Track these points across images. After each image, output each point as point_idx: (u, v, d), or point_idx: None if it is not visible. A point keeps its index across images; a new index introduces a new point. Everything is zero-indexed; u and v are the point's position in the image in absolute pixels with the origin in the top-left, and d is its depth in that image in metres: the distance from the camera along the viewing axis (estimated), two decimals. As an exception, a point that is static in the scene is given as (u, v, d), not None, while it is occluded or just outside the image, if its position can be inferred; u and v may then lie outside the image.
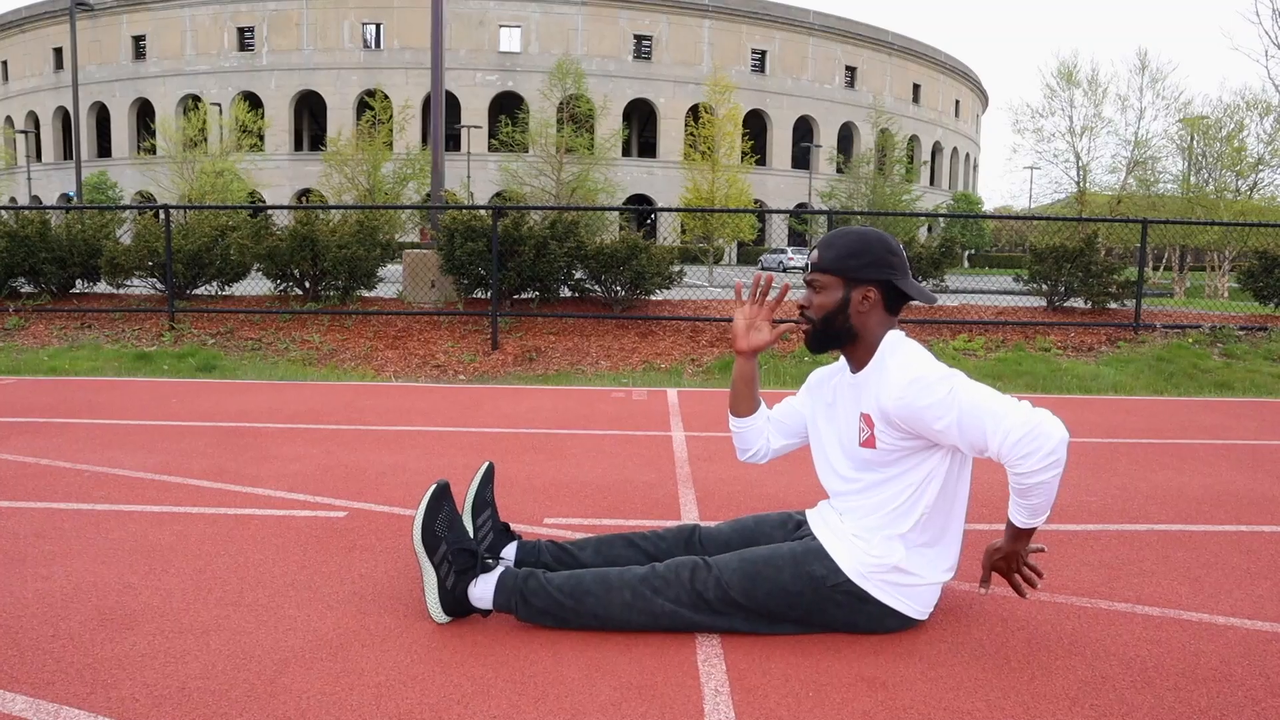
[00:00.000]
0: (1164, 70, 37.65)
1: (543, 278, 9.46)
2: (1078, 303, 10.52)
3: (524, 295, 9.88)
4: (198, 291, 10.45)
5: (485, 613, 2.37)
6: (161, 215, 9.87)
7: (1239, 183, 25.11)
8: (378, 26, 47.75)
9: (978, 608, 2.52)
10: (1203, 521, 3.40)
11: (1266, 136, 25.04)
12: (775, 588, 2.25)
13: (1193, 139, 25.50)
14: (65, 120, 52.48)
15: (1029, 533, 2.18)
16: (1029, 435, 1.98)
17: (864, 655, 2.19)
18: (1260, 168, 25.16)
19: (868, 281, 2.21)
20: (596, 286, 9.87)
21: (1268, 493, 3.84)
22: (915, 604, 2.28)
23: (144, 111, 50.32)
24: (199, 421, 5.13)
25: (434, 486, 2.35)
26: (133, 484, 3.73)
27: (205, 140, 34.86)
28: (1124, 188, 27.66)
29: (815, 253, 2.26)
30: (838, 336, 2.26)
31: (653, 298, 10.16)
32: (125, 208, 11.35)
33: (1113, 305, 10.37)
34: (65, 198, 45.79)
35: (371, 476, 3.92)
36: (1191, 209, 23.20)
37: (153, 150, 38.59)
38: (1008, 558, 2.24)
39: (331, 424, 5.12)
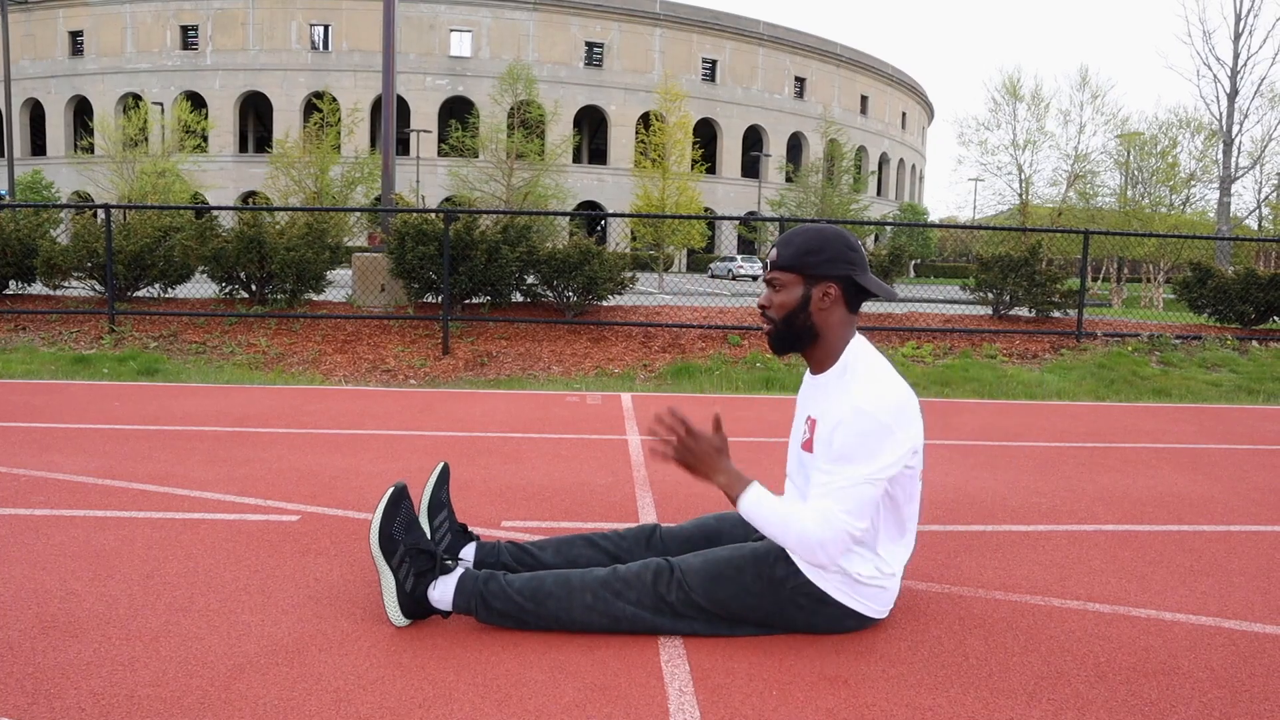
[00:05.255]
0: (1104, 87, 38.84)
1: (494, 282, 9.40)
2: (1022, 311, 10.77)
3: (475, 300, 9.80)
4: (140, 294, 10.17)
5: (445, 614, 2.34)
6: (101, 215, 9.59)
7: (1172, 197, 25.97)
8: (326, 28, 47.06)
9: (935, 607, 2.55)
10: (1147, 522, 3.49)
11: (1198, 153, 25.95)
12: (737, 589, 2.25)
13: (1129, 154, 26.31)
14: (-3, 116, 50.82)
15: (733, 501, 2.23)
16: (817, 531, 2.09)
17: (826, 654, 2.21)
18: (1192, 183, 26.06)
19: (827, 277, 2.21)
20: (548, 292, 9.83)
21: (1206, 494, 3.96)
22: (874, 604, 2.30)
23: (82, 109, 48.89)
24: (143, 425, 4.99)
25: (391, 489, 2.32)
26: (74, 488, 3.61)
27: (146, 140, 33.90)
28: (1065, 200, 28.41)
29: (774, 251, 2.26)
30: (799, 336, 2.26)
31: (604, 304, 10.15)
32: (63, 206, 11.01)
33: (1056, 314, 10.64)
34: (-3, 196, 44.30)
35: (324, 480, 3.85)
36: (1128, 222, 23.92)
37: (91, 149, 37.46)
38: (693, 458, 2.25)
39: (281, 428, 5.02)
